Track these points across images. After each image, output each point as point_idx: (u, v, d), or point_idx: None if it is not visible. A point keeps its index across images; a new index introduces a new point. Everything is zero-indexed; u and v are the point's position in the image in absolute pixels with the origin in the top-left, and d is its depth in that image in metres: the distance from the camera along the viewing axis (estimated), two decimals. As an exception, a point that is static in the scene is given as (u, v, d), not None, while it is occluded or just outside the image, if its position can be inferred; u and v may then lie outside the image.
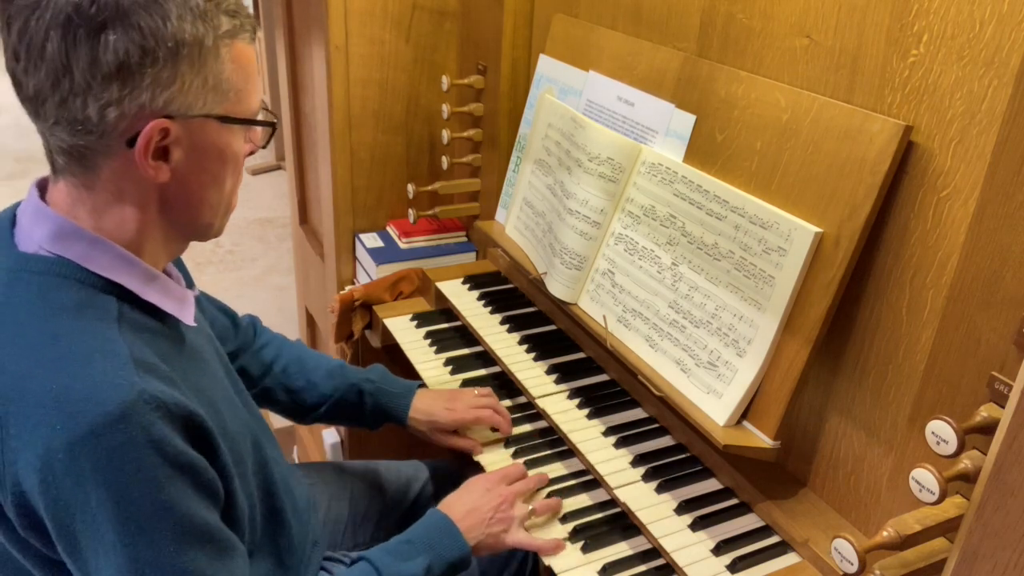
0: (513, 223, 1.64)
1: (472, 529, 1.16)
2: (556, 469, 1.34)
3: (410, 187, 1.82)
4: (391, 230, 1.95)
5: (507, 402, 1.49)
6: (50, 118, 0.84)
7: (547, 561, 1.17)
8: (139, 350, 0.86)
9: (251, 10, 5.13)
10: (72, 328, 0.84)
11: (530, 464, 1.34)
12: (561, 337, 1.60)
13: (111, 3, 0.80)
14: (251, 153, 1.00)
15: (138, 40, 0.81)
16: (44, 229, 0.88)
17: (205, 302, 1.27)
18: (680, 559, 1.12)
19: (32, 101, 0.84)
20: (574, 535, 1.20)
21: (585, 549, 1.18)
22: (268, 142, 1.01)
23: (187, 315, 0.98)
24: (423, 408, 1.40)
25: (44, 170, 0.95)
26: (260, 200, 4.61)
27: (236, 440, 1.00)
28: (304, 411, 1.41)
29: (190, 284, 1.14)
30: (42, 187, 0.93)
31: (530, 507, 1.21)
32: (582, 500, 1.28)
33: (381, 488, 1.50)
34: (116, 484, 0.80)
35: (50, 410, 0.79)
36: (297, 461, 2.48)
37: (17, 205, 0.95)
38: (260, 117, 0.96)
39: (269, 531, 1.10)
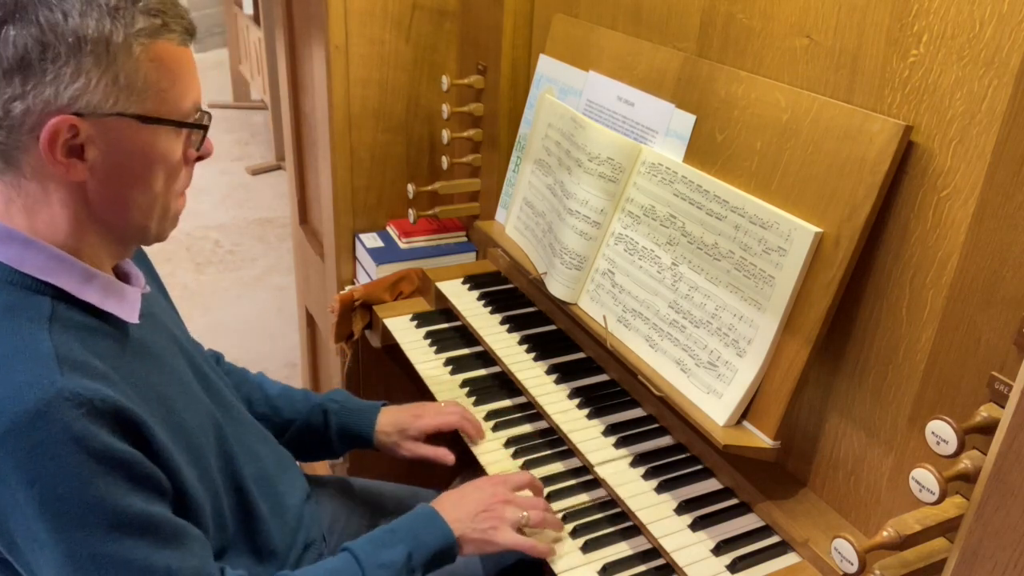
0: (513, 223, 1.64)
1: (457, 521, 1.14)
2: (556, 469, 1.34)
3: (410, 187, 1.82)
4: (391, 230, 1.95)
5: (507, 402, 1.49)
6: None
7: (548, 560, 1.17)
8: (69, 349, 0.86)
9: (251, 10, 5.15)
10: None
11: (530, 464, 1.34)
12: (561, 337, 1.60)
13: None
14: (198, 159, 0.99)
15: (36, 35, 0.81)
16: None
17: None
18: (680, 559, 1.12)
19: None
20: (574, 535, 1.20)
21: (585, 549, 1.18)
22: (201, 145, 0.99)
23: (130, 313, 0.97)
24: (389, 421, 1.39)
25: None
26: (260, 200, 4.61)
27: (194, 435, 1.00)
28: None
29: (157, 282, 1.14)
30: None
31: (524, 514, 1.17)
32: (582, 500, 1.28)
33: (402, 512, 1.48)
34: (40, 481, 0.81)
35: None
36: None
37: None
38: (202, 120, 0.96)
39: (242, 528, 1.10)
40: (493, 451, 1.38)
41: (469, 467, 1.40)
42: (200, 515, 0.98)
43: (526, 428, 1.44)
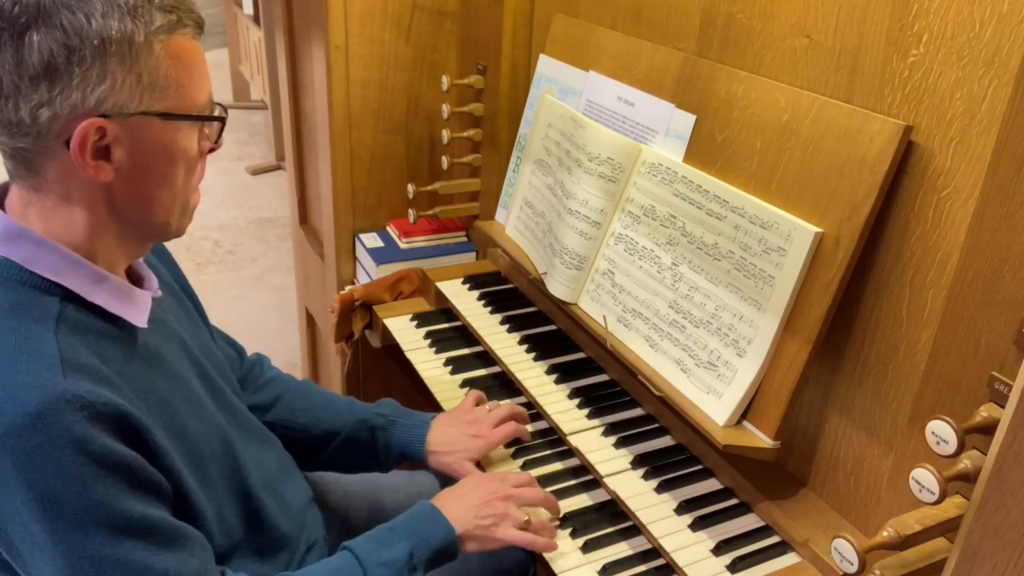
0: (513, 223, 1.64)
1: (459, 518, 1.12)
2: (556, 469, 1.34)
3: (410, 187, 1.82)
4: (391, 230, 1.95)
5: (507, 402, 1.49)
6: None
7: (548, 560, 1.17)
8: (74, 351, 0.86)
9: (251, 10, 5.15)
10: (3, 328, 0.85)
11: (530, 464, 1.34)
12: (561, 337, 1.60)
13: (32, 3, 0.80)
14: (211, 151, 0.99)
15: (62, 39, 0.81)
16: None
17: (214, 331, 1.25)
18: (680, 559, 1.12)
19: None
20: (574, 535, 1.20)
21: (585, 549, 1.18)
22: (219, 137, 1.00)
23: (139, 317, 0.97)
24: (445, 440, 1.32)
25: None
26: (260, 200, 4.61)
27: (196, 442, 1.00)
28: (310, 450, 1.34)
29: (185, 288, 1.14)
30: (1, 193, 0.94)
31: (526, 517, 1.16)
32: (582, 500, 1.28)
33: (401, 503, 1.42)
34: (38, 483, 0.81)
35: None
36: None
37: None
38: (215, 112, 0.96)
39: (250, 532, 1.10)
40: (492, 451, 1.37)
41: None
42: (201, 518, 0.98)
43: (526, 428, 1.44)
